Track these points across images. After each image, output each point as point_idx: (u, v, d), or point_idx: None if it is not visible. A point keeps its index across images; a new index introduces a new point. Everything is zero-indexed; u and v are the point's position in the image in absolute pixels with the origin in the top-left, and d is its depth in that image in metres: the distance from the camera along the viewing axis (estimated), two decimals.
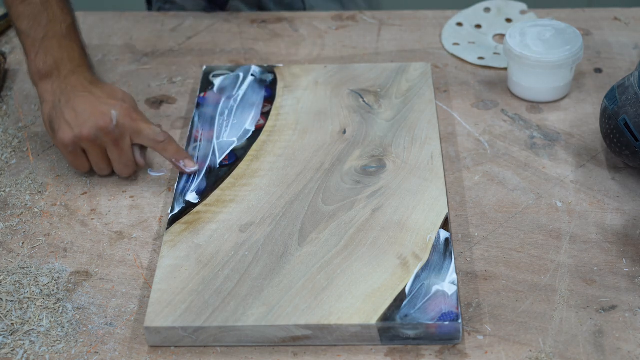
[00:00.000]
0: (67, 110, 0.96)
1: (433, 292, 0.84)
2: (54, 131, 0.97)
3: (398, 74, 1.13)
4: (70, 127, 0.96)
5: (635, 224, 0.94)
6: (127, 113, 0.97)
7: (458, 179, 1.00)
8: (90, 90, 0.98)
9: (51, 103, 0.98)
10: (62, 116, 0.96)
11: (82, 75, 0.99)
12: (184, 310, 0.84)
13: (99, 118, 0.96)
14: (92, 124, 0.96)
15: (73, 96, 0.97)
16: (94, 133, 0.96)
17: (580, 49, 1.08)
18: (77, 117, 0.96)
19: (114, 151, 0.98)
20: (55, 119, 0.97)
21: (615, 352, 0.82)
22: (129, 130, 0.97)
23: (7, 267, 0.92)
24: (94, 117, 0.96)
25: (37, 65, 0.99)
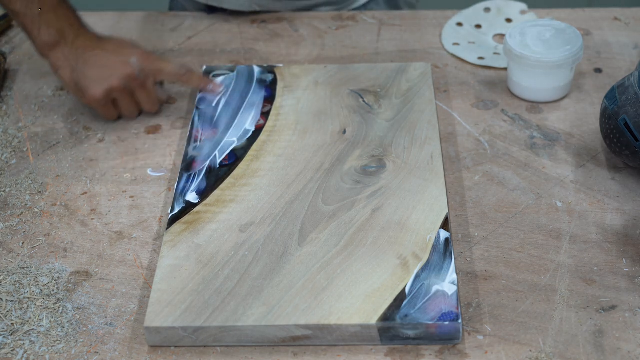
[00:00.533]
0: (89, 69, 1.04)
1: (433, 292, 0.84)
2: (83, 90, 1.05)
3: (398, 74, 1.13)
4: (99, 82, 1.04)
5: (635, 224, 0.94)
6: (144, 57, 1.06)
7: (458, 179, 1.00)
8: (101, 47, 1.06)
9: (69, 67, 1.05)
10: (87, 75, 1.04)
11: (86, 36, 1.06)
12: (184, 310, 0.84)
13: (122, 68, 1.05)
14: (118, 74, 1.04)
15: (89, 56, 1.05)
16: (122, 82, 1.05)
17: (580, 49, 1.08)
18: (102, 72, 1.04)
19: (142, 93, 1.07)
20: (80, 79, 1.04)
21: (615, 352, 0.82)
22: (151, 71, 1.06)
23: (7, 267, 0.92)
24: (117, 68, 1.05)
25: (43, 38, 1.05)
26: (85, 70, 1.04)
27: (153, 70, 1.07)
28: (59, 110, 1.14)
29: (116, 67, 1.05)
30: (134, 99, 1.08)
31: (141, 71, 1.05)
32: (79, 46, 1.05)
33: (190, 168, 1.00)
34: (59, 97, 1.16)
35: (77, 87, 1.05)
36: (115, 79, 1.05)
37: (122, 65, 1.05)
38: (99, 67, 1.05)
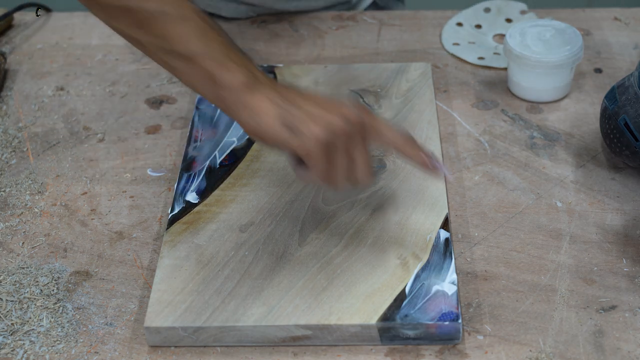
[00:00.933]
0: (304, 106, 0.80)
1: (433, 292, 0.84)
2: (297, 129, 0.79)
3: (398, 74, 1.13)
4: (319, 121, 0.79)
5: (635, 224, 0.94)
6: (362, 109, 0.82)
7: (458, 179, 1.00)
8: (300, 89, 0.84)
9: (275, 107, 0.80)
10: (301, 113, 0.80)
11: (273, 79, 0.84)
12: (184, 310, 0.84)
13: (342, 108, 0.81)
14: (340, 113, 0.80)
15: (296, 95, 0.82)
16: (346, 125, 0.79)
17: (580, 49, 1.08)
18: (321, 111, 0.80)
19: (361, 151, 0.81)
20: (291, 116, 0.79)
21: (615, 352, 0.82)
22: (369, 124, 0.82)
23: (7, 267, 0.92)
24: (336, 108, 0.80)
25: (238, 79, 0.80)
26: (298, 109, 0.80)
27: (373, 125, 0.82)
28: (59, 110, 1.14)
29: (335, 107, 0.80)
30: (351, 157, 0.81)
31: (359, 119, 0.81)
32: (274, 86, 0.82)
33: (190, 168, 1.00)
34: (59, 97, 1.16)
35: (289, 129, 0.79)
36: (339, 118, 0.79)
37: (341, 107, 0.80)
38: (315, 105, 0.80)
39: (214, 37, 0.81)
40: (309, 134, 0.78)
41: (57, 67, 1.21)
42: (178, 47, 0.80)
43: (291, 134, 0.79)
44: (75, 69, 1.21)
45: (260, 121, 0.79)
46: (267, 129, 0.79)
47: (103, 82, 1.18)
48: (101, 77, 1.19)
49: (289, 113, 0.79)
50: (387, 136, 0.82)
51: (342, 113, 0.80)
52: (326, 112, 0.79)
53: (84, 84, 1.18)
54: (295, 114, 0.79)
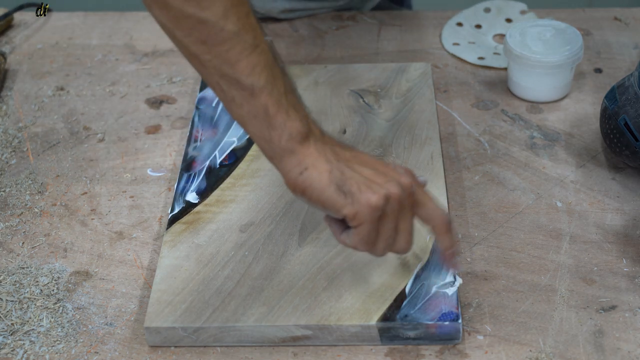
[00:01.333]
0: (356, 169, 0.76)
1: (433, 292, 0.84)
2: (351, 194, 0.75)
3: (398, 74, 1.13)
4: (374, 186, 0.75)
5: (635, 224, 0.94)
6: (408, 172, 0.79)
7: (458, 179, 1.00)
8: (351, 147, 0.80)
9: (327, 165, 0.75)
10: (355, 176, 0.76)
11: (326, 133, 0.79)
12: (184, 310, 0.84)
13: (397, 176, 0.77)
14: (395, 182, 0.76)
15: (348, 154, 0.78)
16: (399, 191, 0.76)
17: (580, 49, 1.08)
18: (376, 175, 0.76)
19: (407, 220, 0.78)
20: (346, 180, 0.75)
21: (615, 352, 0.82)
22: (417, 194, 0.78)
23: (7, 267, 0.92)
24: (389, 173, 0.77)
25: (295, 124, 0.75)
26: (352, 170, 0.76)
27: (419, 196, 0.78)
28: (59, 110, 1.14)
29: (388, 171, 0.77)
30: (397, 226, 0.78)
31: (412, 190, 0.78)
32: (326, 142, 0.77)
33: (190, 168, 1.00)
34: (59, 97, 1.16)
35: (343, 193, 0.75)
36: (393, 185, 0.76)
37: (394, 171, 0.77)
38: (368, 167, 0.77)
39: (279, 75, 0.76)
40: (364, 201, 0.74)
41: (57, 67, 1.21)
42: (241, 76, 0.74)
43: (345, 198, 0.75)
44: (75, 69, 1.21)
45: (311, 178, 0.75)
46: (319, 189, 0.75)
47: (103, 82, 1.18)
48: (101, 77, 1.19)
49: (343, 175, 0.75)
50: (429, 211, 0.79)
51: (396, 180, 0.76)
52: (380, 177, 0.76)
53: (84, 84, 1.18)
54: (350, 176, 0.75)
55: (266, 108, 0.74)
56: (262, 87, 0.74)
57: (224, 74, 0.75)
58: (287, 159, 0.76)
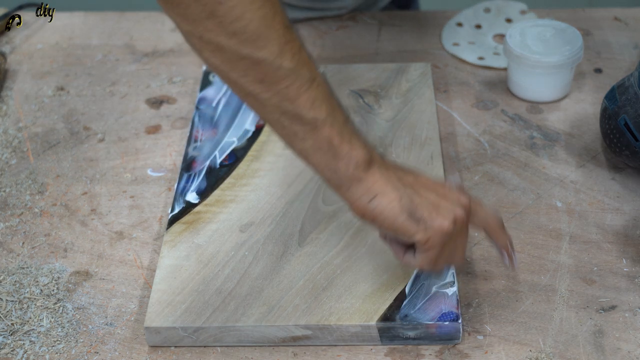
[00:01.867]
0: (423, 195, 0.77)
1: (433, 292, 0.84)
2: (424, 220, 0.76)
3: (398, 74, 1.13)
4: (443, 210, 0.77)
5: (635, 224, 0.94)
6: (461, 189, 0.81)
7: (458, 179, 1.00)
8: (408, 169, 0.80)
9: (396, 192, 0.76)
10: (424, 202, 0.77)
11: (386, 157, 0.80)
12: (184, 310, 0.84)
13: (457, 197, 0.79)
14: (458, 204, 0.78)
15: (412, 179, 0.78)
16: (464, 213, 0.78)
17: (580, 49, 1.08)
18: (441, 200, 0.78)
19: (465, 236, 0.80)
20: (416, 207, 0.76)
21: (615, 352, 0.82)
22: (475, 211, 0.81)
23: (7, 267, 0.92)
24: (453, 197, 0.78)
25: (358, 153, 0.76)
26: (419, 196, 0.77)
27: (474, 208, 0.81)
28: (59, 110, 1.14)
29: (450, 194, 0.78)
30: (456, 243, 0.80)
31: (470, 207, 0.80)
32: (389, 167, 0.78)
33: (191, 168, 1.00)
34: (58, 97, 1.16)
35: (412, 218, 0.76)
36: (459, 208, 0.77)
37: (451, 192, 0.79)
38: (431, 191, 0.78)
39: (337, 105, 0.76)
40: (436, 226, 0.76)
41: (57, 67, 1.21)
42: (303, 111, 0.74)
43: (417, 225, 0.76)
44: (75, 69, 1.21)
45: (382, 206, 0.76)
46: (391, 217, 0.76)
47: (103, 82, 1.18)
48: (101, 77, 1.19)
49: (412, 202, 0.76)
50: (482, 218, 0.81)
51: (459, 202, 0.78)
52: (445, 200, 0.77)
53: (84, 84, 1.18)
54: (419, 202, 0.76)
55: (330, 140, 0.75)
56: (324, 119, 0.74)
57: (285, 110, 0.74)
58: (354, 187, 0.76)
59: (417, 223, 0.76)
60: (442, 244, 0.77)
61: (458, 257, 0.81)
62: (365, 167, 0.76)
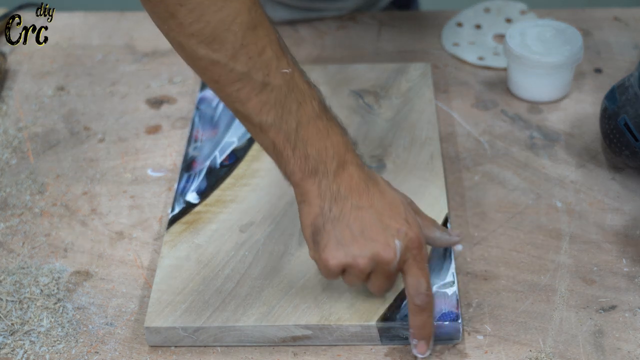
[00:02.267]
0: (340, 227, 0.77)
1: (433, 292, 0.84)
2: (318, 246, 0.78)
3: (398, 74, 1.13)
4: (343, 250, 0.77)
5: (635, 224, 0.94)
6: (412, 246, 0.78)
7: (458, 179, 1.00)
8: (370, 199, 0.79)
9: (318, 209, 0.78)
10: (333, 233, 0.77)
11: (353, 168, 0.79)
12: (184, 310, 0.84)
13: (381, 249, 0.77)
14: (371, 255, 0.77)
15: (348, 208, 0.78)
16: (370, 266, 0.78)
17: (580, 49, 1.08)
18: (354, 241, 0.77)
19: (380, 279, 0.80)
20: (322, 232, 0.78)
21: (615, 352, 0.82)
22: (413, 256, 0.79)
23: (7, 267, 0.92)
24: (375, 247, 0.77)
25: (300, 162, 0.77)
26: (335, 226, 0.77)
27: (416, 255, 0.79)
28: (59, 110, 1.14)
29: (374, 244, 0.77)
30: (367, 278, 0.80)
31: (398, 262, 0.78)
32: (341, 184, 0.78)
33: (191, 168, 1.00)
34: (59, 97, 1.16)
35: (313, 237, 0.78)
36: (364, 259, 0.77)
37: (383, 247, 0.77)
38: (354, 231, 0.77)
39: (292, 109, 0.77)
40: (323, 258, 0.78)
41: (57, 67, 1.21)
42: (252, 114, 0.77)
43: (313, 243, 0.78)
44: (75, 69, 1.21)
45: (302, 211, 0.79)
46: (303, 223, 0.79)
47: (103, 82, 1.18)
48: (101, 77, 1.19)
49: (324, 225, 0.77)
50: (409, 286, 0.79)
51: (375, 255, 0.77)
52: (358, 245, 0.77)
53: (84, 84, 1.18)
54: (327, 230, 0.77)
55: (275, 143, 0.77)
56: (270, 124, 0.77)
57: (237, 110, 0.78)
58: (297, 192, 0.79)
59: (315, 245, 0.78)
60: (333, 274, 0.78)
61: (375, 288, 0.81)
62: (303, 176, 0.78)
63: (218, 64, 0.75)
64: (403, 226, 0.78)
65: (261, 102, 0.76)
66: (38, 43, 1.09)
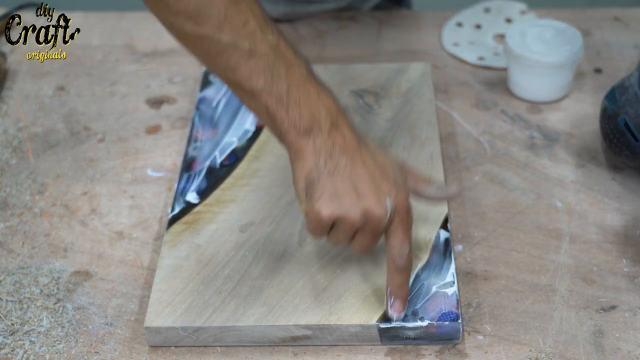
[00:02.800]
0: (335, 180, 0.79)
1: (433, 292, 0.84)
2: (312, 198, 0.79)
3: (398, 74, 1.13)
4: (337, 202, 0.79)
5: (635, 224, 0.94)
6: (400, 209, 0.80)
7: (458, 179, 1.00)
8: (362, 157, 0.81)
9: (312, 163, 0.80)
10: (327, 185, 0.79)
11: (346, 130, 0.81)
12: (184, 310, 0.84)
13: (373, 206, 0.79)
14: (363, 210, 0.79)
15: (343, 164, 0.80)
16: (361, 221, 0.79)
17: (580, 49, 1.08)
18: (348, 195, 0.79)
19: (367, 239, 0.81)
20: (316, 184, 0.79)
21: (615, 352, 0.82)
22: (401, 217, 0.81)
23: (7, 267, 0.92)
24: (367, 203, 0.79)
25: (294, 121, 0.80)
26: (330, 179, 0.79)
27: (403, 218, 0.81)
28: (59, 110, 1.14)
29: (366, 199, 0.79)
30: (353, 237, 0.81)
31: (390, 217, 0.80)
32: (335, 142, 0.80)
33: (191, 168, 1.00)
34: (59, 97, 1.16)
35: (307, 189, 0.80)
36: (356, 212, 0.78)
37: (375, 203, 0.79)
38: (348, 185, 0.79)
39: (281, 73, 0.80)
40: (318, 209, 0.79)
41: (57, 67, 1.21)
42: (242, 80, 0.80)
43: (307, 195, 0.80)
44: (75, 69, 1.21)
45: (296, 166, 0.80)
46: (295, 177, 0.81)
47: (103, 82, 1.18)
48: (101, 77, 1.19)
49: (318, 179, 0.79)
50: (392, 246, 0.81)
51: (366, 210, 0.78)
52: (350, 198, 0.79)
53: (84, 84, 1.18)
54: (322, 183, 0.79)
55: (267, 107, 0.80)
56: (261, 89, 0.80)
57: (229, 79, 0.82)
58: (291, 151, 0.81)
59: (308, 197, 0.80)
60: (322, 226, 0.79)
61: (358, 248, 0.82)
62: (298, 134, 0.80)
63: (206, 37, 0.80)
64: (393, 189, 0.80)
65: (250, 68, 0.79)
66: (46, 43, 1.10)
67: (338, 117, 0.81)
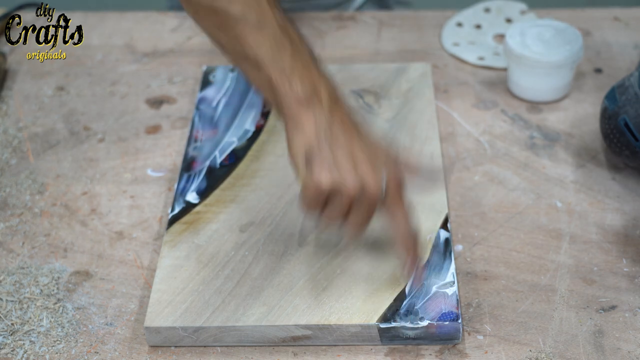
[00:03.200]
0: (335, 151, 0.80)
1: (433, 292, 0.84)
2: (311, 167, 0.80)
3: (398, 74, 1.13)
4: (336, 172, 0.79)
5: (635, 224, 0.94)
6: (396, 184, 0.82)
7: (458, 179, 1.00)
8: (359, 134, 0.83)
9: (313, 133, 0.80)
10: (328, 156, 0.80)
11: (344, 108, 0.83)
12: (184, 310, 0.84)
13: (370, 180, 0.80)
14: (361, 183, 0.79)
15: (342, 136, 0.81)
16: (357, 193, 0.80)
17: (580, 49, 1.08)
18: (346, 167, 0.80)
19: (362, 214, 0.81)
20: (316, 153, 0.80)
21: (615, 352, 0.82)
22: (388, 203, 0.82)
23: (7, 267, 0.92)
24: (365, 177, 0.80)
25: (296, 92, 0.81)
26: (331, 148, 0.80)
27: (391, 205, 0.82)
28: (59, 110, 1.14)
29: (364, 174, 0.79)
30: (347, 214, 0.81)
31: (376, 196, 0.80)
32: (334, 115, 0.82)
33: (191, 168, 1.00)
34: (59, 97, 1.16)
35: (307, 157, 0.80)
36: (355, 185, 0.79)
37: (371, 175, 0.80)
38: (346, 156, 0.80)
39: (286, 47, 0.83)
40: (317, 177, 0.79)
41: (57, 67, 1.21)
42: (249, 51, 0.83)
43: (305, 167, 0.80)
44: (75, 69, 1.21)
45: (294, 136, 0.81)
46: (293, 147, 0.81)
47: (103, 82, 1.18)
48: (101, 77, 1.19)
49: (319, 148, 0.80)
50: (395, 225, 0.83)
51: (364, 180, 0.79)
52: (348, 168, 0.80)
53: (84, 84, 1.18)
54: (323, 154, 0.80)
55: (270, 79, 0.82)
56: (267, 60, 0.82)
57: (237, 51, 0.84)
58: (288, 122, 0.82)
59: (307, 165, 0.80)
60: (319, 197, 0.80)
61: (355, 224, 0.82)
62: (303, 105, 0.81)
63: (217, 10, 0.83)
64: (388, 162, 0.82)
65: (256, 40, 0.82)
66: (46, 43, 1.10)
67: (337, 99, 0.83)
